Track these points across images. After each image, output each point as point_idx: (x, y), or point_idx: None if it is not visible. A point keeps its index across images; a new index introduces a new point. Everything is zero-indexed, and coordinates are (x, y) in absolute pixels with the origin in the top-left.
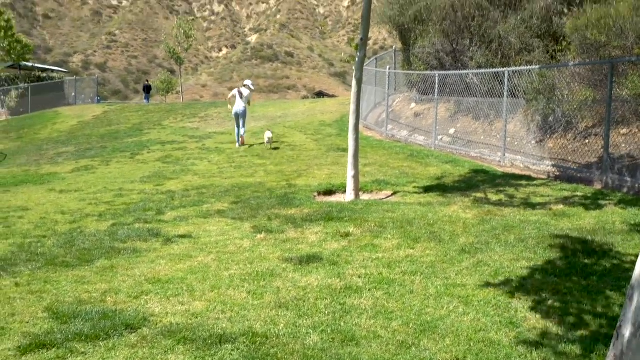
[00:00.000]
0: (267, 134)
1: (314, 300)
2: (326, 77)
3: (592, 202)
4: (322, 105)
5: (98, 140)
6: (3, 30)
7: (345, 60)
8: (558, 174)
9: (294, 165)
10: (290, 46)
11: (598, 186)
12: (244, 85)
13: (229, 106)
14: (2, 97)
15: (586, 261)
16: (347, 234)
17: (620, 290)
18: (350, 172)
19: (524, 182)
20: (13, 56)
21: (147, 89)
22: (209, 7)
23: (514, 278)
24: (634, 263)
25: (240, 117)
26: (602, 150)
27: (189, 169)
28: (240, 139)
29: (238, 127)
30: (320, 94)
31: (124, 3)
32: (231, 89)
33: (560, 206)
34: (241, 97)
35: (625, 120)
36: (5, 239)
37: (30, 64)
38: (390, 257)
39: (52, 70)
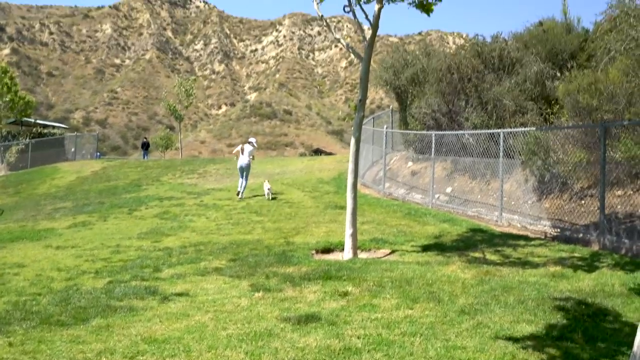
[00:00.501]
0: (266, 186)
1: None
2: (324, 134)
3: (590, 264)
4: (319, 162)
5: (96, 195)
6: (6, 87)
7: (342, 118)
8: (555, 234)
9: (292, 222)
10: (289, 104)
11: (595, 247)
12: (249, 142)
13: (235, 158)
14: (2, 152)
15: (586, 324)
16: (346, 293)
17: (624, 356)
18: (348, 230)
19: (521, 242)
20: (16, 113)
21: (146, 146)
22: (209, 66)
23: (514, 341)
24: (634, 327)
25: (244, 170)
26: (598, 211)
27: (186, 226)
28: (242, 192)
29: (241, 178)
30: (317, 152)
31: (127, 62)
32: (230, 145)
33: (559, 267)
34: (246, 153)
35: (619, 182)
36: (0, 297)
37: (32, 120)
38: (389, 318)
39: (53, 127)
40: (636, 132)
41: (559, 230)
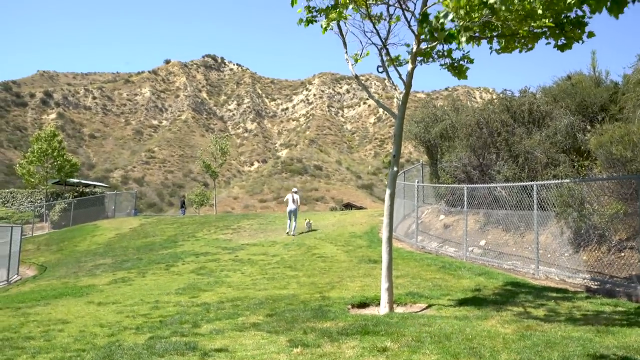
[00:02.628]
0: (307, 222)
1: None
2: (354, 189)
3: (636, 318)
4: (351, 217)
5: (134, 252)
6: (56, 151)
7: (371, 172)
8: (595, 287)
9: (327, 277)
10: (319, 160)
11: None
12: (293, 192)
13: (285, 205)
14: (46, 211)
15: None
16: (385, 349)
17: None
18: (384, 285)
19: (561, 296)
20: (61, 174)
21: (183, 204)
22: (242, 125)
23: None
24: None
25: (292, 214)
26: (639, 263)
27: (222, 281)
28: (293, 231)
29: (290, 220)
30: (348, 206)
31: (164, 122)
32: (262, 200)
33: (603, 322)
34: (293, 201)
35: None
36: (46, 353)
37: (75, 180)
38: None
39: (94, 186)
40: None
41: (599, 283)
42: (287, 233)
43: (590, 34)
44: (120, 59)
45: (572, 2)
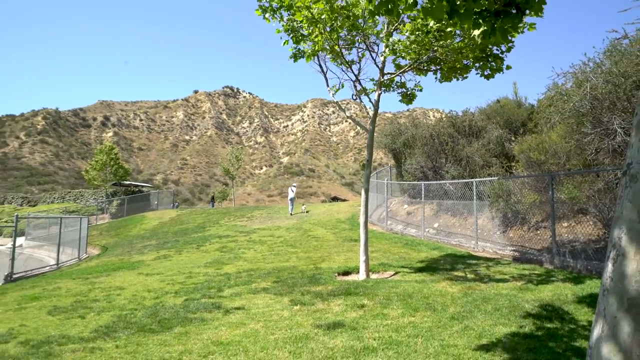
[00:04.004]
0: (303, 207)
1: (341, 358)
2: (339, 186)
3: (547, 279)
4: (337, 207)
5: (173, 235)
6: (113, 161)
7: (352, 173)
8: (519, 256)
9: (319, 252)
10: (312, 164)
11: (550, 266)
12: (293, 186)
13: (287, 196)
14: (107, 205)
15: (549, 325)
16: (363, 305)
17: (580, 351)
18: (362, 257)
19: (493, 264)
20: (117, 177)
21: (213, 199)
22: (253, 138)
23: (494, 339)
24: (586, 327)
25: (291, 201)
26: (550, 239)
27: (239, 256)
28: (291, 212)
29: (290, 205)
30: (335, 199)
31: (194, 137)
32: (270, 195)
33: (524, 282)
34: (292, 192)
35: (565, 216)
36: (107, 311)
37: (127, 182)
38: (397, 323)
39: (142, 186)
40: (575, 179)
41: (521, 253)
42: (290, 213)
43: (508, 67)
44: (160, 89)
45: (479, 39)
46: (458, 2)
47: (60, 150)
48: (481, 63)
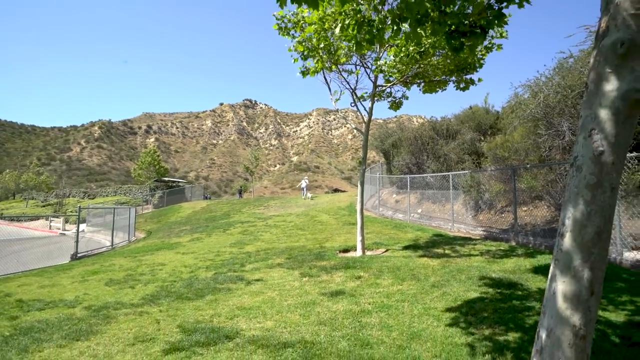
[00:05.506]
0: (309, 195)
1: (342, 319)
2: (339, 180)
3: (510, 253)
4: (338, 197)
5: (204, 221)
6: (155, 161)
7: (350, 169)
8: (488, 235)
9: (323, 234)
10: (317, 162)
11: (513, 243)
12: (305, 178)
13: (299, 185)
14: (150, 197)
15: (511, 291)
16: (359, 277)
17: (534, 309)
18: (358, 238)
19: (466, 242)
20: (158, 175)
21: (240, 192)
22: (269, 141)
23: (467, 302)
24: (540, 291)
25: (304, 189)
26: (513, 220)
27: (258, 238)
28: (304, 197)
29: (304, 193)
30: (336, 190)
31: (220, 142)
32: (283, 188)
33: (491, 256)
34: (305, 183)
35: (524, 202)
36: (152, 283)
37: (167, 179)
38: (388, 291)
39: (179, 182)
40: (532, 172)
41: (489, 233)
42: (303, 198)
43: (480, 80)
44: (192, 102)
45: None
46: (429, 28)
47: (113, 153)
48: (457, 77)
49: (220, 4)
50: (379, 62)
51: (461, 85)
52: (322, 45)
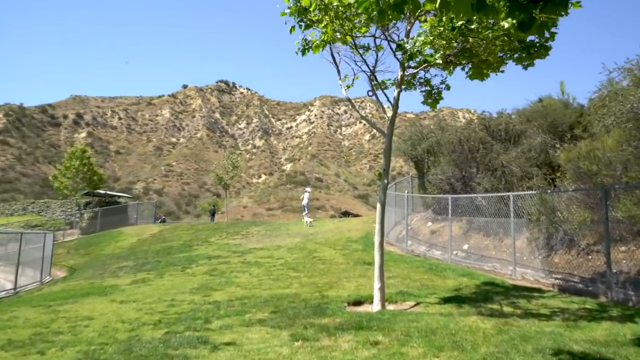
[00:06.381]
0: (307, 220)
1: None
2: (351, 198)
3: (601, 314)
4: (348, 223)
5: (153, 255)
6: (86, 166)
7: (367, 184)
8: (566, 286)
9: (326, 277)
10: (320, 173)
11: (604, 299)
12: (307, 190)
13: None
14: (77, 219)
15: None
16: (377, 342)
17: None
18: (376, 285)
19: (535, 294)
20: (90, 186)
21: (213, 212)
22: (251, 141)
23: None
24: None
25: (304, 206)
26: (604, 265)
27: (232, 281)
28: (306, 214)
29: (305, 211)
30: (346, 214)
31: (181, 140)
32: (269, 209)
33: (571, 318)
34: (306, 197)
35: (622, 238)
36: (72, 347)
37: (102, 192)
38: None
39: (119, 196)
40: (634, 194)
41: (569, 283)
42: (306, 223)
43: (548, 49)
44: (142, 84)
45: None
46: None
47: (24, 152)
48: (520, 54)
49: None
50: (409, 39)
51: (525, 63)
52: (335, 3)
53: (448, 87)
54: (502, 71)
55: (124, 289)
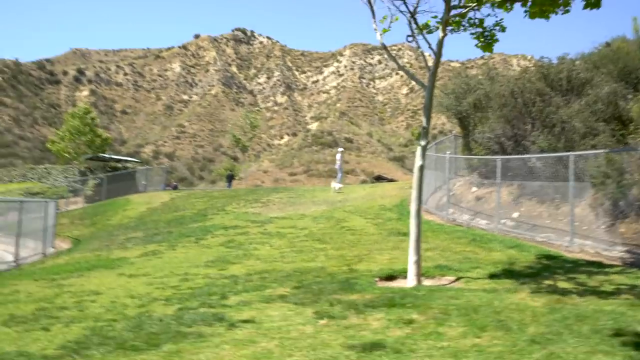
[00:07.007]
0: (336, 186)
1: None
2: (385, 161)
3: None
4: (381, 189)
5: (165, 225)
6: (89, 127)
7: (403, 145)
8: (632, 260)
9: (355, 249)
10: (350, 132)
11: None
12: (340, 151)
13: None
14: (80, 186)
15: None
16: (411, 321)
17: None
18: (412, 258)
19: (595, 269)
20: (94, 150)
21: (231, 177)
22: (272, 98)
23: None
24: None
25: (338, 170)
26: None
27: (251, 254)
28: (339, 182)
29: (339, 173)
30: (379, 178)
31: (194, 97)
32: (292, 174)
33: (638, 296)
34: (339, 159)
35: None
36: (79, 323)
37: (107, 156)
38: (456, 346)
39: (126, 161)
40: None
41: (636, 256)
42: (335, 188)
43: None
44: (150, 34)
45: None
46: None
47: (22, 114)
48: None
49: None
50: None
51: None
52: None
53: (503, 29)
54: (568, 11)
55: (133, 262)
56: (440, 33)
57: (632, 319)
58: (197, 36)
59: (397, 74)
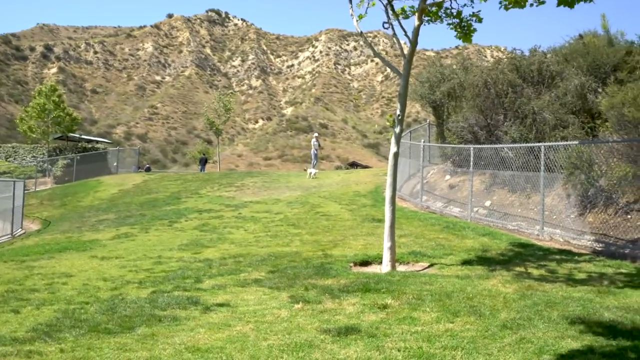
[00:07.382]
0: (311, 171)
1: None
2: (359, 148)
3: (638, 280)
4: (356, 175)
5: (137, 208)
6: (54, 104)
7: (378, 132)
8: (600, 249)
9: (330, 235)
10: (324, 118)
11: None
12: (315, 136)
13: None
14: (49, 166)
15: (636, 343)
16: (385, 306)
17: None
18: (386, 244)
19: (564, 257)
20: (62, 128)
21: (204, 161)
22: (247, 81)
23: (559, 357)
24: None
25: (313, 157)
26: None
27: (225, 238)
28: (314, 167)
29: (314, 160)
30: (353, 165)
31: (167, 78)
32: (267, 158)
33: (605, 283)
34: (315, 145)
35: None
36: (50, 305)
37: (77, 135)
38: (430, 331)
39: (97, 141)
40: None
41: (603, 245)
42: (310, 173)
43: None
44: (122, 12)
45: None
46: None
47: None
48: None
49: None
50: None
51: None
52: None
53: (479, 20)
54: (543, 2)
55: (105, 244)
56: (416, 21)
57: (599, 305)
58: (170, 16)
59: (372, 61)
